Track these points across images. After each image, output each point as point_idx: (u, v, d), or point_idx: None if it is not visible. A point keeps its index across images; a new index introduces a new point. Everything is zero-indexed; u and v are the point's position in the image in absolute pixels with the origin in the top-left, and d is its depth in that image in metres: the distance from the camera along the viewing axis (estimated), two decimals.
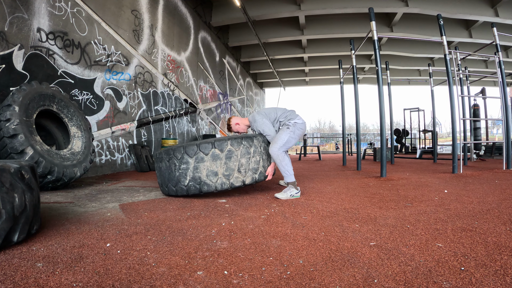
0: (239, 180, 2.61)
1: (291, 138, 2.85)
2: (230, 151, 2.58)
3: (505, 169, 4.80)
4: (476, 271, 1.12)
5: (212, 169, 2.54)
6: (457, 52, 5.65)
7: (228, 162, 2.56)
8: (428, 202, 2.42)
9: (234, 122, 3.12)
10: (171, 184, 2.66)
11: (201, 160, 2.54)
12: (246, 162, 2.63)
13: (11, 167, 1.43)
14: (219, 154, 2.55)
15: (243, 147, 2.63)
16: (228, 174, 2.57)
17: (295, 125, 2.87)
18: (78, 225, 1.81)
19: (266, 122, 2.88)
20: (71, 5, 4.37)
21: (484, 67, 14.35)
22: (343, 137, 7.32)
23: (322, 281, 1.08)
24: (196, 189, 2.57)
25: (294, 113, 3.02)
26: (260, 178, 2.76)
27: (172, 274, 1.14)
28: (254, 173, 2.68)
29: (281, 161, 2.81)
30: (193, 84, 8.64)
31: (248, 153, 2.65)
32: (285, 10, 8.97)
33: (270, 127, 2.87)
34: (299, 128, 2.90)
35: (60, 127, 3.68)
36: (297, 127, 2.88)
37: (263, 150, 2.79)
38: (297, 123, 2.90)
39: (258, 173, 2.72)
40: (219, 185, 2.56)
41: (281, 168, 2.83)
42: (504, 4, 8.59)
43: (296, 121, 2.91)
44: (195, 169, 2.54)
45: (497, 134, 20.52)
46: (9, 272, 1.14)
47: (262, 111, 3.02)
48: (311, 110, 74.01)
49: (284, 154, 2.84)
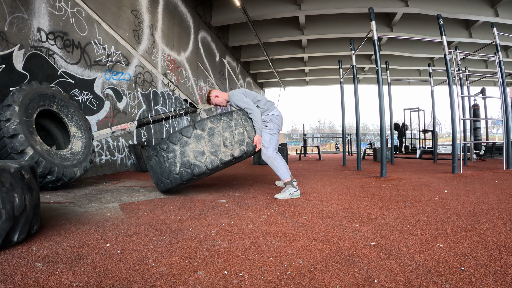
0: (228, 154, 2.62)
1: (273, 136, 2.88)
2: (212, 128, 2.60)
3: (505, 169, 4.80)
4: (476, 271, 1.12)
5: (198, 149, 2.56)
6: (457, 52, 5.65)
7: (212, 139, 2.58)
8: (428, 202, 2.42)
9: (214, 94, 3.11)
10: (164, 177, 2.67)
11: (185, 144, 2.56)
12: (230, 135, 2.64)
13: (11, 167, 1.42)
14: (201, 133, 2.58)
15: (223, 122, 2.65)
16: (215, 151, 2.58)
17: (271, 120, 2.88)
18: (78, 225, 1.81)
19: (243, 98, 2.88)
20: (71, 5, 4.37)
21: (484, 67, 14.35)
22: (343, 137, 7.32)
23: (322, 281, 1.08)
24: (188, 174, 2.57)
25: (273, 105, 3.02)
26: (249, 149, 2.75)
27: (172, 274, 1.14)
28: (241, 145, 2.69)
29: (272, 162, 2.83)
30: (193, 84, 8.64)
31: (230, 127, 2.66)
32: (285, 10, 8.97)
33: (248, 102, 2.86)
34: (275, 122, 2.91)
35: (60, 127, 3.68)
36: (274, 121, 2.90)
37: (244, 122, 2.78)
38: (274, 114, 2.91)
39: (245, 144, 2.71)
40: (209, 164, 2.57)
41: (274, 169, 2.85)
42: (504, 4, 8.59)
43: (273, 112, 2.92)
44: (182, 154, 2.56)
45: (497, 134, 20.53)
46: (9, 272, 1.14)
47: (243, 89, 3.04)
48: (311, 110, 74.00)
49: (275, 155, 2.86)
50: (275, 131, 2.91)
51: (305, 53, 12.36)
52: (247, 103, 2.86)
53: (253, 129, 2.85)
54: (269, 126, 2.88)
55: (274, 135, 2.90)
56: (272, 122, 2.89)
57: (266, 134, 2.87)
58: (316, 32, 10.37)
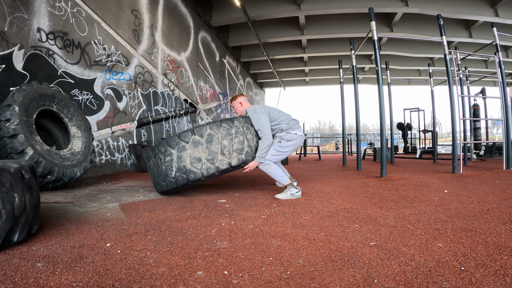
0: (225, 163, 2.56)
1: (281, 153, 2.79)
2: (210, 135, 2.54)
3: (505, 169, 4.80)
4: (476, 271, 1.12)
5: (195, 155, 2.52)
6: (457, 52, 5.65)
7: (210, 146, 2.53)
8: (428, 202, 2.42)
9: (240, 100, 3.02)
10: (161, 179, 2.66)
11: (183, 149, 2.53)
12: (228, 143, 2.57)
13: (11, 167, 1.43)
14: (199, 139, 2.53)
15: (223, 129, 2.58)
16: (212, 158, 2.53)
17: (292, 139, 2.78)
18: (78, 225, 1.81)
19: (262, 119, 2.73)
20: (71, 5, 4.37)
21: (484, 67, 14.35)
22: (343, 137, 7.32)
23: (322, 281, 1.08)
24: (183, 179, 2.55)
25: (297, 123, 2.91)
26: (248, 158, 2.68)
27: (172, 274, 1.14)
28: (240, 154, 2.62)
29: (267, 169, 2.77)
30: (193, 84, 8.64)
31: (229, 134, 2.59)
32: (285, 10, 8.97)
33: (265, 126, 2.73)
34: (295, 144, 2.82)
35: (60, 127, 3.68)
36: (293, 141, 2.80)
37: (245, 130, 2.70)
38: (297, 134, 2.82)
39: (244, 153, 2.64)
40: (204, 171, 2.52)
41: (270, 175, 2.80)
42: (504, 4, 8.59)
43: (296, 132, 2.82)
44: (179, 159, 2.53)
45: (497, 134, 20.51)
46: (9, 272, 1.14)
47: (266, 106, 2.92)
48: (311, 110, 73.95)
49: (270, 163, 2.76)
50: (288, 151, 2.80)
51: (305, 53, 12.36)
52: (263, 127, 2.71)
53: (254, 138, 2.76)
54: (283, 144, 2.76)
55: (284, 154, 2.80)
56: (291, 141, 2.78)
57: (275, 149, 2.76)
58: (316, 32, 10.37)
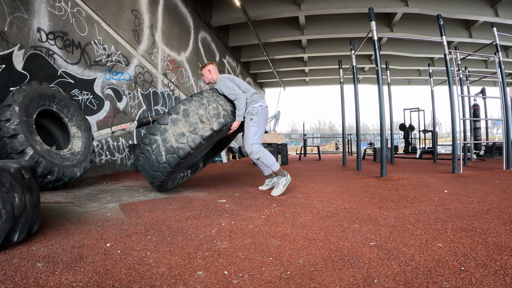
0: (207, 129, 2.65)
1: (258, 128, 2.83)
2: (185, 110, 2.67)
3: (505, 169, 4.80)
4: (476, 271, 1.12)
5: (177, 132, 2.61)
6: (457, 52, 5.65)
7: (188, 119, 2.64)
8: (428, 202, 2.42)
9: (209, 68, 3.08)
10: (154, 170, 2.69)
11: (164, 130, 2.62)
12: (204, 111, 2.69)
13: (11, 167, 1.42)
14: (176, 117, 2.64)
15: (195, 102, 2.72)
16: (194, 129, 2.62)
17: (258, 112, 2.84)
18: (78, 225, 1.81)
19: (229, 83, 2.84)
20: (71, 5, 4.37)
21: (484, 67, 14.36)
22: (343, 137, 7.32)
23: (322, 281, 1.08)
24: (174, 159, 2.60)
25: (259, 96, 2.98)
26: (227, 121, 2.77)
27: (172, 274, 1.14)
28: (218, 118, 2.73)
29: (260, 156, 2.79)
30: (193, 84, 8.64)
31: (202, 104, 2.71)
32: (285, 10, 8.98)
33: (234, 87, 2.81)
34: (262, 114, 2.87)
35: (60, 127, 3.68)
36: (260, 113, 2.85)
37: (216, 97, 2.83)
38: (261, 106, 2.88)
39: (222, 117, 2.75)
40: (191, 143, 2.60)
41: (263, 162, 2.80)
42: (504, 4, 8.60)
43: (260, 104, 2.88)
44: (164, 141, 2.61)
45: (497, 134, 20.52)
46: (9, 272, 1.14)
47: (230, 75, 3.00)
48: (311, 110, 73.89)
49: (261, 148, 2.82)
50: (261, 123, 2.84)
51: (305, 53, 12.37)
52: (232, 89, 2.80)
53: (227, 102, 2.85)
54: (254, 119, 2.82)
55: (260, 128, 2.84)
56: (258, 115, 2.83)
57: (251, 127, 2.80)
58: (316, 32, 10.38)
